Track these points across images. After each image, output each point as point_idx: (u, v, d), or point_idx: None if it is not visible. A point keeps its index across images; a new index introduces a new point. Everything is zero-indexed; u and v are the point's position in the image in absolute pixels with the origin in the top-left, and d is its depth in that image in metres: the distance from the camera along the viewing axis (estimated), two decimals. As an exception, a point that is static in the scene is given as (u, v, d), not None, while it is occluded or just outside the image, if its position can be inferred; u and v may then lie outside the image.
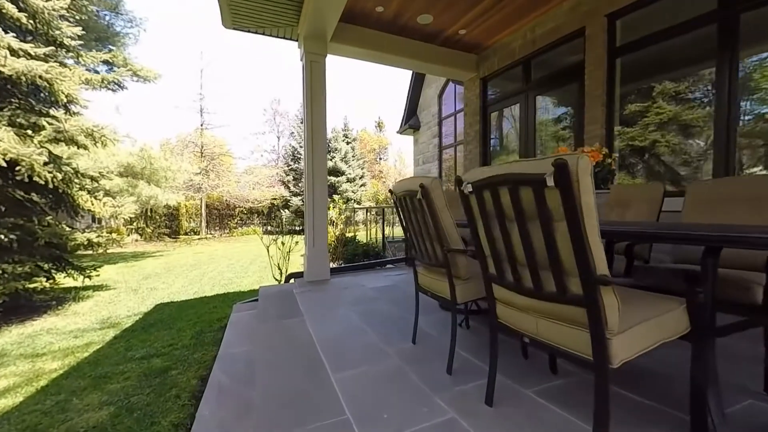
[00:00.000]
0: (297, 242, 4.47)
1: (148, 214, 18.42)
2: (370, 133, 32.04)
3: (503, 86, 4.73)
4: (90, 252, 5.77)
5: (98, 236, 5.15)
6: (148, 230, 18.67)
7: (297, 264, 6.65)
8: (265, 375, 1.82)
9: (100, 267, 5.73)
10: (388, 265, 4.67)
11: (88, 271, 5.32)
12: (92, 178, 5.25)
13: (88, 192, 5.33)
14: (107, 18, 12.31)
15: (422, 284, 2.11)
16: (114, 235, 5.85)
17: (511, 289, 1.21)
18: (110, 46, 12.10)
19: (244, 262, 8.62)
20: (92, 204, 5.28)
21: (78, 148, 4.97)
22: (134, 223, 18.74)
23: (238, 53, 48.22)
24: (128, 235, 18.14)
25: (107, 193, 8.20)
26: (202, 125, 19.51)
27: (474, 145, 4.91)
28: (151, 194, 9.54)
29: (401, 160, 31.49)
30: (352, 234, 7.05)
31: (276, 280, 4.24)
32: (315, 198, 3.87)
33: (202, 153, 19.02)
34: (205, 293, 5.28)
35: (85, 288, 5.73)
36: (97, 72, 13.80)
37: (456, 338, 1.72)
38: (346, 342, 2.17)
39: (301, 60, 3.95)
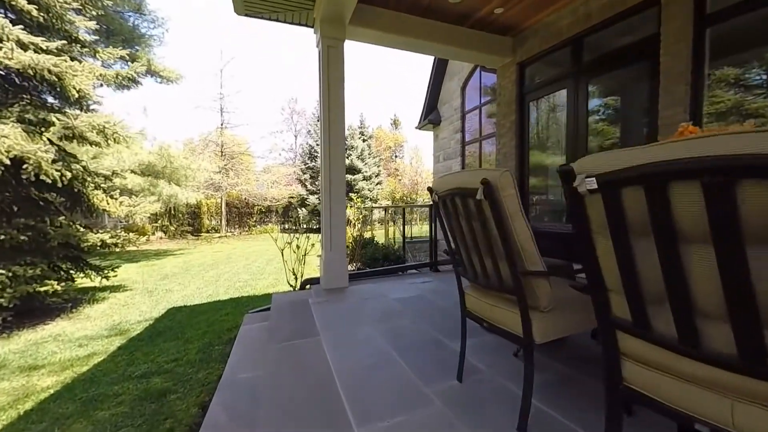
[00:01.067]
0: (313, 244, 4.07)
1: (172, 212, 18.94)
2: (385, 130, 31.53)
3: (545, 72, 4.09)
4: (114, 250, 5.68)
5: (112, 237, 5.00)
6: (172, 228, 19.16)
7: (313, 266, 6.32)
8: (271, 421, 1.41)
9: (118, 267, 5.62)
10: (410, 271, 4.19)
11: (105, 272, 5.20)
12: (105, 177, 5.10)
13: (104, 191, 5.19)
14: (132, 19, 12.50)
15: (474, 310, 1.61)
16: (131, 235, 5.72)
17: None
18: (136, 47, 12.27)
19: (261, 262, 8.42)
20: (107, 203, 5.14)
21: (91, 145, 4.82)
22: (159, 221, 19.34)
23: (257, 51, 49.01)
24: (153, 233, 18.74)
25: (125, 192, 8.28)
26: (222, 124, 19.73)
27: (509, 137, 4.32)
28: (171, 193, 9.55)
29: (417, 157, 30.79)
30: (370, 234, 6.62)
31: (290, 286, 3.88)
32: (332, 196, 3.45)
33: (222, 152, 19.24)
34: (219, 296, 5.02)
35: (103, 289, 5.64)
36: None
37: (532, 387, 1.23)
38: (372, 377, 1.71)
39: (318, 46, 3.52)
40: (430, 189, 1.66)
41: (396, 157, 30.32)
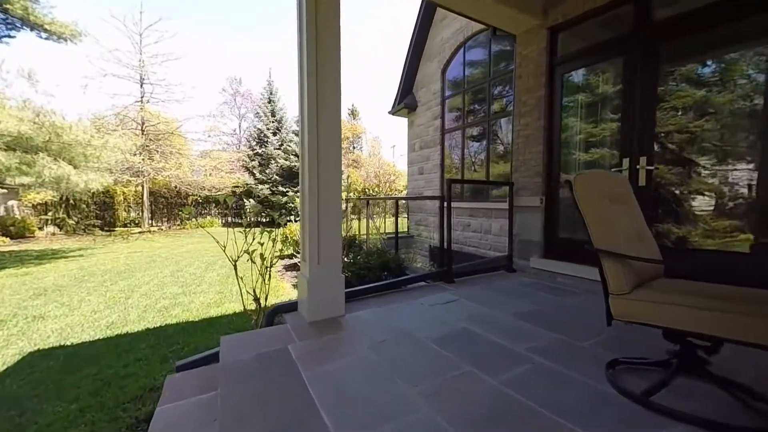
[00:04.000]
0: (282, 248, 2.74)
1: (70, 201, 14.85)
2: (343, 120, 29.78)
3: (587, 36, 3.29)
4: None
5: None
6: (71, 222, 15.09)
7: (281, 283, 4.83)
8: None
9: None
10: (416, 283, 3.12)
11: None
12: None
13: None
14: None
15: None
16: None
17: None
18: None
19: (198, 266, 6.55)
20: None
21: None
22: (51, 213, 15.03)
23: (192, 17, 42.25)
24: (41, 227, 14.48)
25: None
26: (142, 97, 16.09)
27: (534, 117, 3.51)
28: (59, 174, 6.93)
29: (377, 146, 29.74)
30: (345, 234, 5.42)
31: (247, 310, 2.52)
32: (322, 190, 2.22)
33: (142, 130, 15.71)
34: (127, 325, 3.34)
35: None
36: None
37: None
38: None
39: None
40: (568, 182, 1.39)
41: (354, 148, 28.88)
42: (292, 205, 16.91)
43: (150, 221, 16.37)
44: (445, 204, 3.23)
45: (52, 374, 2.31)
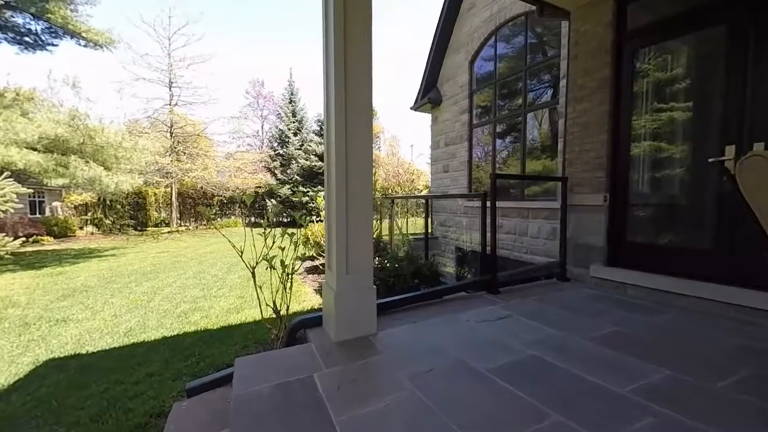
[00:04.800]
0: (303, 252, 2.42)
1: (107, 202, 15.62)
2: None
3: (668, 4, 2.69)
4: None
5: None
6: (107, 222, 15.87)
7: (302, 287, 4.58)
8: None
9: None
10: (455, 294, 2.70)
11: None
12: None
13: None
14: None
15: None
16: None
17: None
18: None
19: (220, 267, 6.46)
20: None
21: None
22: (90, 213, 15.89)
23: (221, 20, 43.73)
24: (81, 227, 15.33)
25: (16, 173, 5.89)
26: (171, 100, 16.64)
27: (595, 101, 2.94)
28: (92, 176, 7.12)
29: (395, 145, 29.23)
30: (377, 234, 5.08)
31: (266, 324, 2.22)
32: (350, 191, 1.86)
33: (171, 132, 16.24)
34: (146, 332, 3.17)
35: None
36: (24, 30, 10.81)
37: None
38: None
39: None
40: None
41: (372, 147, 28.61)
42: (313, 205, 16.89)
43: (178, 221, 16.94)
44: (488, 203, 2.78)
45: (59, 390, 2.12)
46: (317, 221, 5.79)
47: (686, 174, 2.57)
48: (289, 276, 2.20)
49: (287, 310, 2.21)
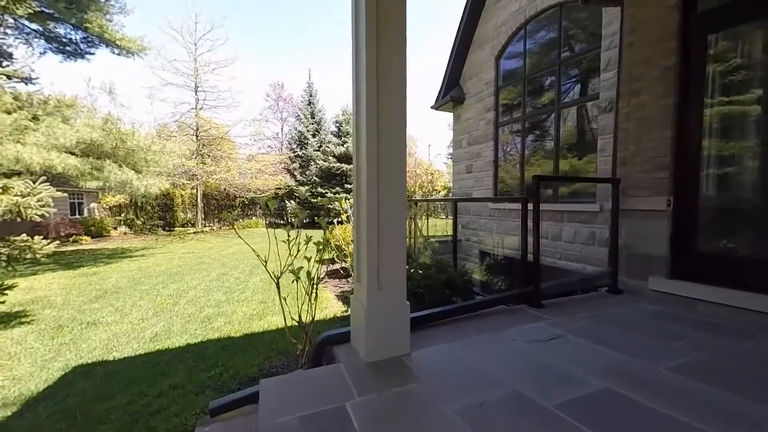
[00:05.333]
0: (324, 257, 2.26)
1: (138, 204, 16.40)
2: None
3: None
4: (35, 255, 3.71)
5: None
6: (139, 222, 16.66)
7: (324, 293, 4.46)
8: None
9: (12, 287, 3.63)
10: (493, 307, 2.45)
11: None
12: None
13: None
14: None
15: None
16: (33, 240, 3.72)
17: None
18: (87, 12, 9.89)
19: (243, 269, 6.50)
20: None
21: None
22: (123, 214, 16.74)
23: (242, 23, 45.04)
24: (116, 228, 16.17)
25: (53, 176, 6.19)
26: (197, 104, 17.22)
27: (656, 93, 2.56)
28: (124, 179, 7.40)
29: (412, 145, 28.85)
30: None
31: (290, 337, 2.07)
32: (383, 197, 1.67)
33: (197, 135, 16.80)
34: (170, 337, 3.14)
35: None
36: (67, 41, 11.49)
37: None
38: None
39: None
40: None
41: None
42: (330, 207, 16.92)
43: (203, 222, 17.50)
44: (530, 206, 2.51)
45: (84, 401, 2.08)
46: (337, 222, 5.67)
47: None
48: (314, 286, 2.04)
49: (312, 322, 2.05)
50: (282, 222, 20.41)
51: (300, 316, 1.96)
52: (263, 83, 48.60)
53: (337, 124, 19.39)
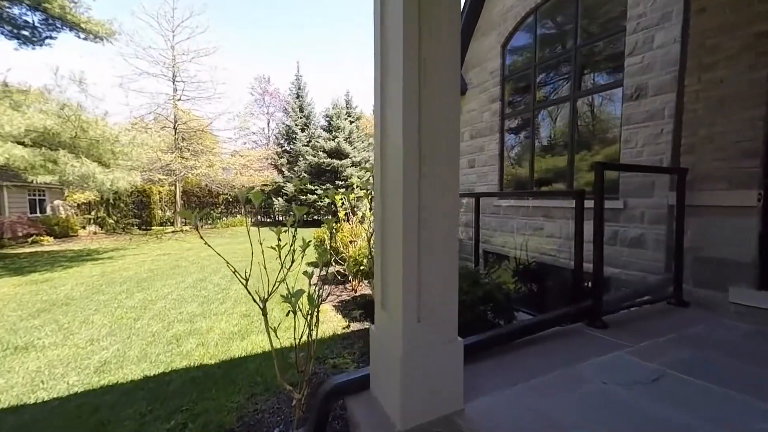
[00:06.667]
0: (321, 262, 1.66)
1: (111, 201, 15.11)
2: (367, 116, 28.86)
3: None
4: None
5: None
6: (111, 221, 15.36)
7: (322, 305, 3.80)
8: None
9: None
10: (547, 329, 1.91)
11: None
12: None
13: None
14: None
15: None
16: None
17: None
18: None
19: (224, 273, 5.76)
20: None
21: None
22: (93, 212, 15.40)
23: (223, 15, 43.08)
24: (84, 227, 14.84)
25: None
26: (174, 94, 16.05)
27: (738, 67, 1.98)
28: (84, 173, 6.48)
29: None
30: (362, 245, 4.29)
31: (285, 386, 1.46)
32: (426, 194, 1.09)
33: (175, 128, 15.65)
34: (123, 366, 2.45)
35: None
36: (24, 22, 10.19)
37: None
38: None
39: None
40: None
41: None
42: (321, 204, 16.16)
43: (183, 220, 16.37)
44: (586, 204, 2.00)
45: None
46: (332, 218, 5.06)
47: None
48: (314, 314, 1.43)
49: (314, 353, 1.45)
50: (269, 220, 19.46)
51: (297, 356, 1.35)
52: (248, 76, 46.87)
53: (327, 119, 18.58)
